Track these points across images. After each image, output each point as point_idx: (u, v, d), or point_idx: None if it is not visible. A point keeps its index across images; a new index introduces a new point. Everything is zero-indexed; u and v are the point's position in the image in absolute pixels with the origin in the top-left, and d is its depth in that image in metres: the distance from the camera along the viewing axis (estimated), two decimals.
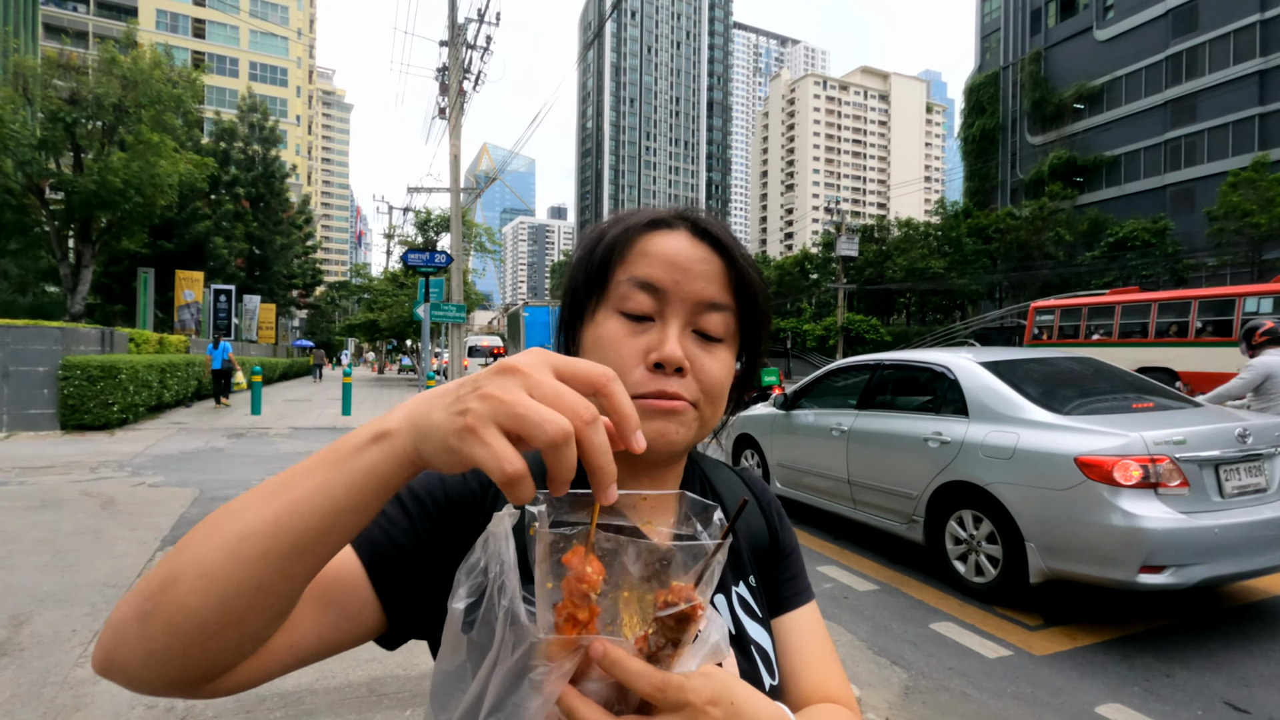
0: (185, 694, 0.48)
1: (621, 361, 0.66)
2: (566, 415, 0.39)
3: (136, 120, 19.77)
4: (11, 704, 2.67)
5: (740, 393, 0.77)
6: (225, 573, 0.43)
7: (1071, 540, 3.65)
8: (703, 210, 0.73)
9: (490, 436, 0.39)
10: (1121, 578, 3.45)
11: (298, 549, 0.44)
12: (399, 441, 0.44)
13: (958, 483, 4.29)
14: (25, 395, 10.82)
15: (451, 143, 18.13)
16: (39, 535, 4.96)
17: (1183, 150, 37.84)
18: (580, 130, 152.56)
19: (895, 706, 2.96)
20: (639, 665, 0.43)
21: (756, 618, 0.73)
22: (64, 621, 3.45)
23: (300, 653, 0.54)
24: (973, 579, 4.21)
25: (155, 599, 0.44)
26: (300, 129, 69.31)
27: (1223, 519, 3.49)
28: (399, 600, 0.60)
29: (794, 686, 0.72)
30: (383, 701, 2.75)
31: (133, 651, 0.45)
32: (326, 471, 0.45)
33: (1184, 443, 3.59)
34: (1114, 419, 3.92)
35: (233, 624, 0.44)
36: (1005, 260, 41.31)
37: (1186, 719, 2.83)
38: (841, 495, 5.38)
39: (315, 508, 0.44)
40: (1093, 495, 3.54)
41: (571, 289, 0.73)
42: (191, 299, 28.07)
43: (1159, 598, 4.05)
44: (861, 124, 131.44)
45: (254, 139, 39.61)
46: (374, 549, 0.59)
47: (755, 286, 0.70)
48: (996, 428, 4.15)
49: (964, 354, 4.84)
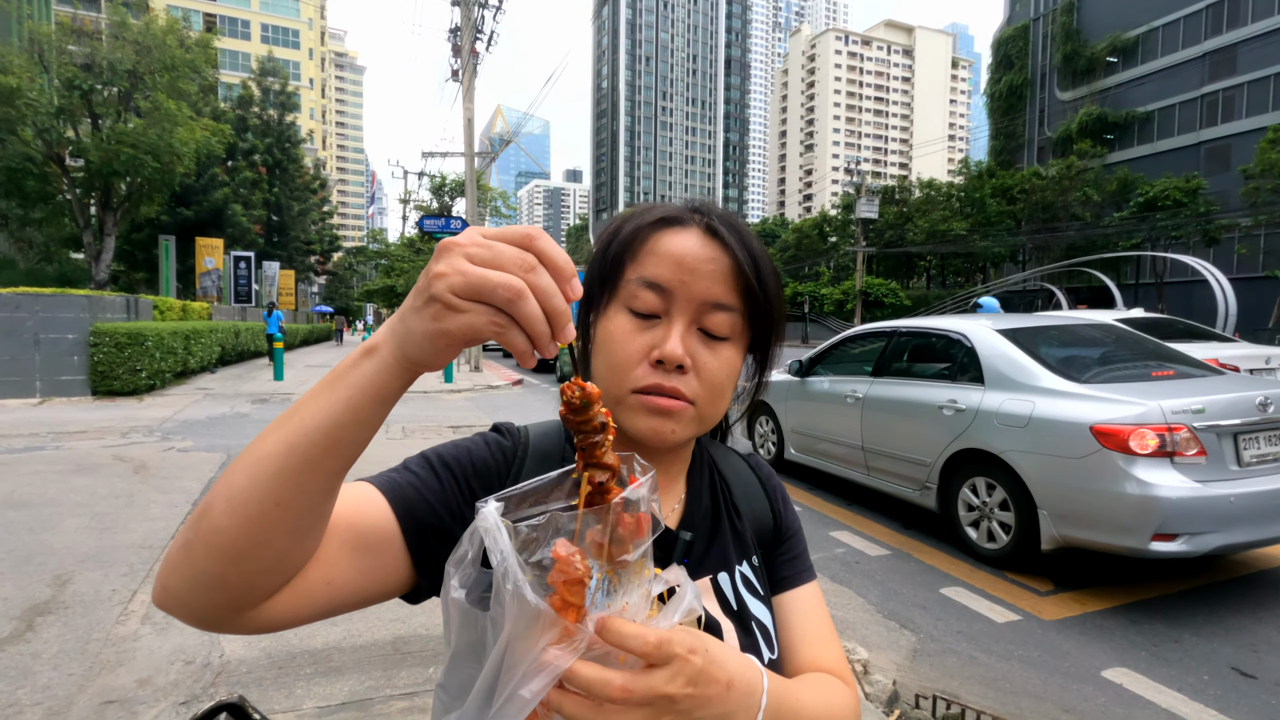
0: (233, 623, 0.53)
1: (626, 356, 0.68)
2: (510, 270, 0.44)
3: (152, 87, 19.76)
4: (59, 658, 2.82)
5: (755, 390, 0.80)
6: (247, 493, 0.49)
7: (1085, 508, 3.67)
8: (717, 206, 0.74)
9: (460, 305, 0.44)
10: (1134, 545, 3.47)
11: (308, 463, 0.49)
12: (385, 351, 0.49)
13: (972, 450, 4.31)
14: (56, 362, 11.11)
15: (465, 105, 17.94)
16: (77, 499, 5.15)
17: (1220, 105, 36.42)
18: (595, 90, 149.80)
19: (904, 668, 3.03)
20: (632, 628, 0.48)
21: (758, 595, 0.76)
22: (104, 581, 3.61)
23: (336, 592, 0.58)
24: (984, 545, 4.25)
25: (195, 526, 0.50)
26: (314, 92, 68.82)
27: (1239, 488, 3.49)
28: (426, 555, 0.64)
29: (791, 659, 0.76)
30: (406, 659, 2.87)
31: (181, 579, 0.51)
32: (326, 392, 0.49)
33: (1203, 411, 3.56)
34: (1132, 387, 3.90)
35: (261, 542, 0.50)
36: (1029, 222, 40.38)
37: (1193, 684, 2.87)
38: (855, 462, 5.42)
39: (318, 425, 0.48)
40: (1108, 464, 3.55)
41: (588, 283, 0.76)
42: (212, 266, 28.39)
43: (1170, 564, 4.07)
44: (884, 80, 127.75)
45: (269, 104, 39.44)
46: (407, 504, 0.64)
47: (766, 283, 0.71)
48: (1012, 395, 4.15)
49: (982, 321, 4.81)
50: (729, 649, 0.56)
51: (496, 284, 0.44)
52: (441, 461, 0.69)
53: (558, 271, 0.46)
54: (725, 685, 0.53)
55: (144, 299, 13.97)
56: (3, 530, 4.37)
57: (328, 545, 0.57)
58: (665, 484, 0.77)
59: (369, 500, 0.62)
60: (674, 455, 0.76)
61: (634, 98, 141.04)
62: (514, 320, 0.45)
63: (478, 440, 0.74)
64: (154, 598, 0.53)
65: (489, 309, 0.44)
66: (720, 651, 0.54)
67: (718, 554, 0.76)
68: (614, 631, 0.47)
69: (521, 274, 0.45)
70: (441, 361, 0.48)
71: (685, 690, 0.50)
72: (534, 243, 0.46)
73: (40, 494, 5.25)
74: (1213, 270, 16.88)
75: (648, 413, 0.68)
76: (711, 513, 0.78)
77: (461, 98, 18.16)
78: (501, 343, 0.46)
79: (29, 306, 10.95)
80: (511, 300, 0.44)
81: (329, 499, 0.52)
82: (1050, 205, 38.99)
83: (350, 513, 0.60)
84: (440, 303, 0.45)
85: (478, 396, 13.02)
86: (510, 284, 0.44)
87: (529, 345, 0.46)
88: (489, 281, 0.44)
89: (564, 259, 0.47)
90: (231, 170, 34.19)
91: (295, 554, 0.53)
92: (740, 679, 0.55)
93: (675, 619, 0.51)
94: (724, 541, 0.77)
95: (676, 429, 0.69)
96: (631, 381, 0.68)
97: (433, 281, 0.45)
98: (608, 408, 0.65)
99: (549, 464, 0.73)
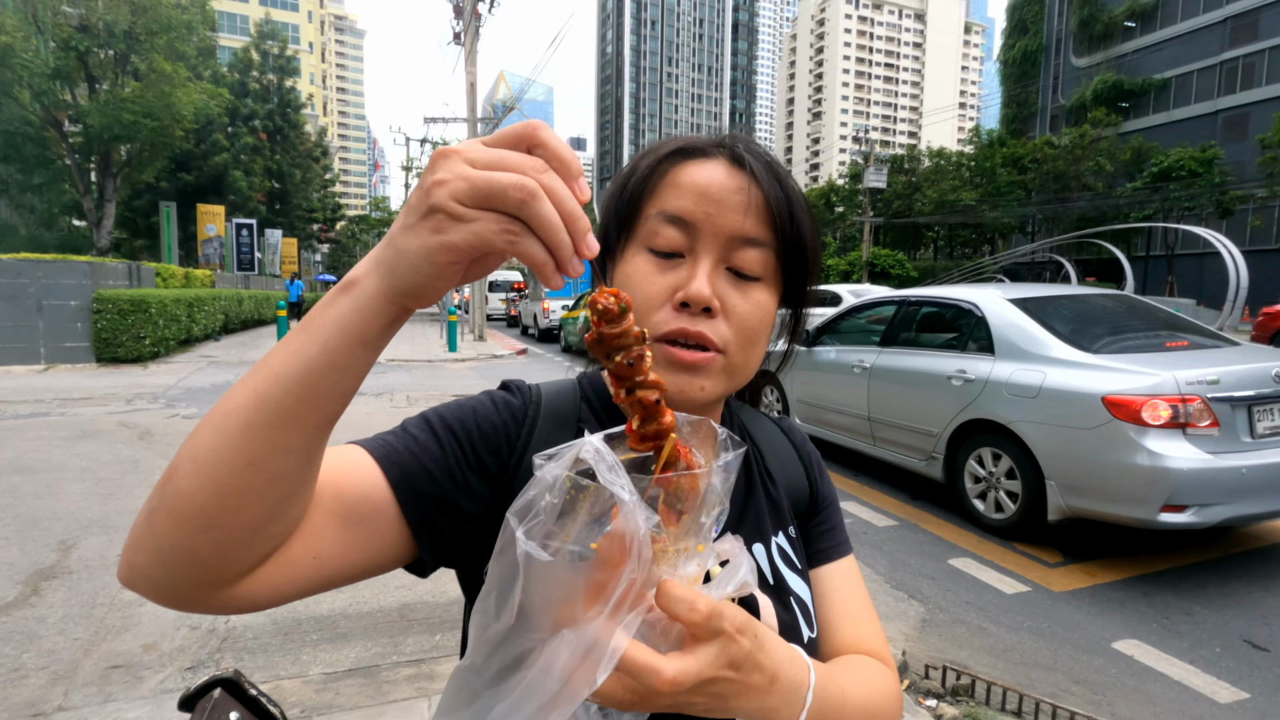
0: (209, 602, 0.46)
1: (646, 299, 0.61)
2: (517, 171, 0.39)
3: (149, 49, 19.43)
4: (65, 622, 2.82)
5: (790, 340, 0.72)
6: (214, 451, 0.42)
7: (1094, 479, 3.65)
8: (745, 136, 0.66)
9: (465, 212, 0.39)
10: (1142, 516, 3.46)
11: (281, 416, 0.42)
12: (367, 284, 0.42)
13: (980, 420, 4.28)
14: (60, 329, 11.08)
15: (467, 70, 17.59)
16: (81, 464, 5.15)
17: (1239, 71, 35.53)
18: (600, 56, 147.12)
19: (912, 639, 3.01)
20: (682, 591, 0.43)
21: (796, 569, 0.70)
22: (109, 547, 3.60)
23: (324, 566, 0.52)
24: (991, 515, 4.24)
25: (159, 493, 0.44)
26: (314, 56, 67.71)
27: (1251, 459, 3.46)
28: (427, 525, 0.57)
29: (829, 639, 0.70)
30: (413, 626, 2.86)
31: (145, 552, 0.44)
32: (301, 335, 0.43)
33: (1217, 382, 3.53)
34: (1145, 358, 3.86)
35: (231, 508, 0.43)
36: (1040, 192, 39.76)
37: (1205, 656, 2.85)
38: (861, 432, 5.40)
39: (290, 372, 0.42)
40: (1119, 434, 3.52)
41: (604, 225, 0.68)
42: (214, 233, 28.24)
43: (1181, 537, 4.04)
44: (895, 46, 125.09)
45: (268, 68, 38.83)
46: (403, 472, 0.57)
47: (800, 220, 0.63)
48: (1023, 366, 4.10)
49: (992, 290, 4.75)
50: (778, 639, 0.51)
51: (507, 184, 0.38)
52: (443, 423, 0.61)
53: (564, 167, 0.41)
54: (770, 678, 0.48)
55: (146, 266, 13.89)
56: (8, 495, 4.37)
57: (313, 515, 0.50)
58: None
59: (358, 465, 0.55)
60: (702, 415, 0.69)
61: (639, 63, 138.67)
62: (528, 228, 0.39)
63: (484, 400, 0.66)
64: (119, 575, 0.46)
65: (499, 215, 0.39)
66: (770, 640, 0.49)
67: (752, 524, 0.69)
68: (663, 594, 0.43)
69: (534, 174, 0.39)
70: (439, 287, 0.41)
71: (725, 673, 0.45)
72: (537, 134, 0.41)
73: (45, 460, 5.24)
74: (1225, 242, 16.58)
75: (671, 368, 0.60)
76: (744, 480, 0.72)
77: (464, 62, 17.78)
78: (517, 254, 0.39)
79: (31, 273, 10.89)
80: (524, 202, 0.38)
81: (310, 461, 0.45)
82: (1062, 175, 38.32)
83: (338, 479, 0.53)
84: (443, 212, 0.39)
85: (482, 365, 12.99)
86: (522, 184, 0.38)
87: (548, 255, 0.40)
88: (497, 183, 0.38)
89: (570, 155, 0.41)
90: (232, 135, 33.80)
91: (273, 523, 0.46)
92: (786, 673, 0.50)
93: (728, 590, 0.46)
94: (758, 511, 0.70)
95: (705, 385, 0.61)
96: (653, 327, 0.61)
97: (431, 190, 0.39)
98: None
99: (562, 424, 0.66)
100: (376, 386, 9.49)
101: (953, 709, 2.41)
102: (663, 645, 0.45)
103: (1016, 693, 2.45)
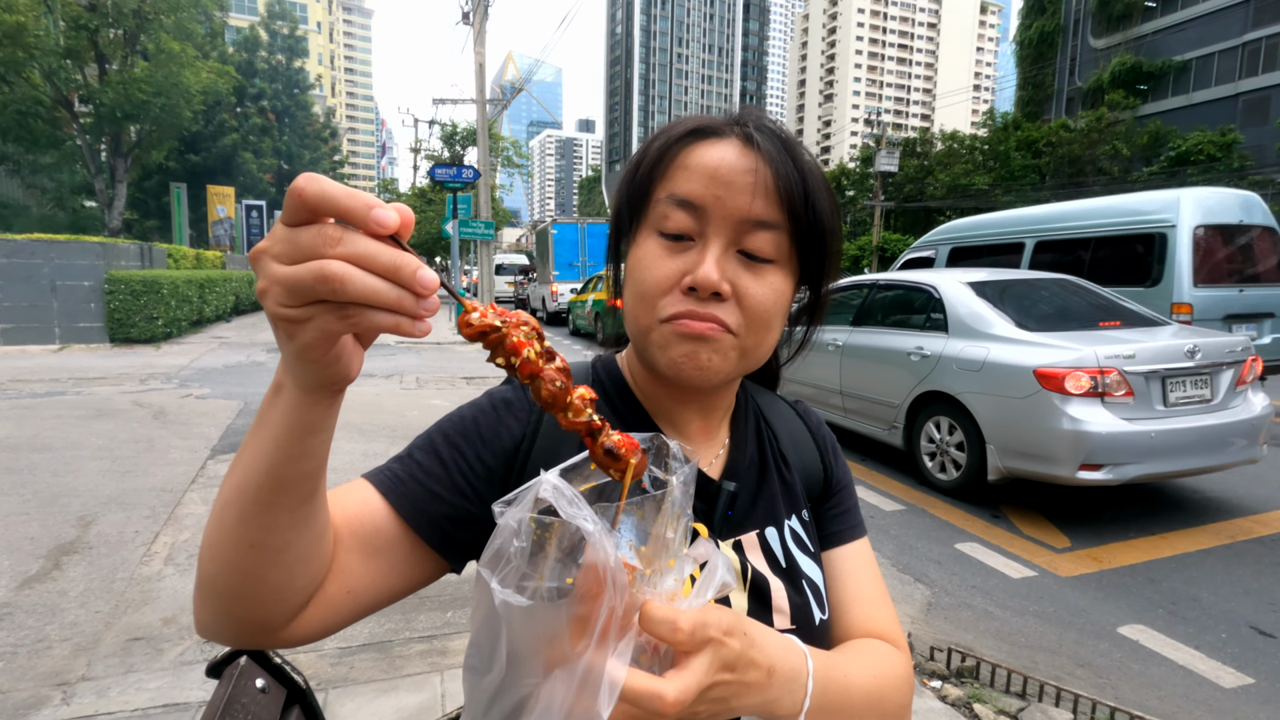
0: (269, 642, 0.53)
1: (655, 282, 0.61)
2: (316, 255, 0.36)
3: (158, 28, 19.39)
4: (86, 596, 2.88)
5: (807, 324, 0.71)
6: (222, 540, 0.48)
7: (1025, 442, 4.07)
8: (762, 113, 0.65)
9: (301, 314, 0.38)
10: (1063, 474, 3.88)
11: (262, 505, 0.46)
12: (288, 386, 0.44)
13: (934, 392, 4.70)
14: (74, 309, 11.18)
15: (476, 50, 17.46)
16: (98, 443, 5.22)
17: (1263, 53, 34.76)
18: (609, 36, 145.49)
19: (917, 621, 3.04)
20: (661, 613, 0.44)
21: (808, 551, 0.71)
22: (127, 523, 3.67)
23: (359, 598, 0.56)
24: (939, 476, 4.72)
25: (198, 570, 0.51)
26: (322, 36, 67.33)
27: (1161, 425, 3.89)
28: (446, 540, 0.61)
29: (841, 621, 0.71)
30: (425, 604, 2.91)
31: (206, 614, 0.52)
32: (256, 434, 0.46)
33: (1133, 356, 3.94)
34: (1075, 335, 4.25)
35: (253, 581, 0.48)
36: (1055, 176, 39.22)
37: (1211, 641, 2.86)
38: (834, 405, 5.78)
39: (259, 470, 0.45)
40: (1046, 403, 3.93)
41: (616, 209, 0.68)
42: (224, 215, 28.30)
43: (1188, 522, 4.08)
44: (909, 27, 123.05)
45: (277, 48, 38.67)
46: (410, 500, 0.60)
47: (816, 198, 0.62)
48: (971, 343, 4.51)
49: (951, 274, 5.11)
50: (769, 631, 0.52)
51: (310, 281, 0.36)
52: (445, 439, 0.64)
53: (351, 215, 0.36)
54: (766, 671, 0.49)
55: (158, 247, 13.97)
56: (27, 472, 4.45)
57: (338, 556, 0.55)
58: (706, 429, 0.71)
59: (365, 503, 0.59)
60: (716, 397, 0.70)
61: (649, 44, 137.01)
62: (360, 304, 0.37)
63: (482, 404, 0.68)
64: (196, 629, 0.53)
65: (326, 306, 0.37)
66: (761, 635, 0.51)
67: (765, 507, 0.70)
68: (646, 618, 0.43)
69: (329, 252, 0.36)
70: (341, 370, 0.41)
71: (722, 676, 0.46)
72: (304, 196, 0.36)
73: (63, 438, 5.32)
74: None
75: (678, 339, 0.60)
76: (758, 463, 0.73)
77: (473, 41, 17.64)
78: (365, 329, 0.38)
79: (45, 253, 10.97)
80: (335, 290, 0.36)
81: (308, 528, 0.49)
82: (1077, 159, 37.77)
83: (351, 519, 0.57)
84: (283, 320, 0.38)
85: None
86: (323, 273, 0.35)
87: (394, 315, 0.37)
88: (301, 281, 0.36)
89: (346, 196, 0.36)
90: (240, 116, 33.77)
91: (296, 580, 0.51)
92: (783, 664, 0.51)
93: (709, 595, 0.46)
94: (772, 494, 0.71)
95: (714, 357, 0.60)
96: (660, 310, 0.60)
97: (263, 300, 0.38)
98: (637, 346, 0.59)
99: None
100: (386, 369, 9.55)
101: (957, 690, 2.44)
102: (656, 666, 0.45)
103: (1021, 675, 2.47)
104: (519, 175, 38.87)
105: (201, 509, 3.91)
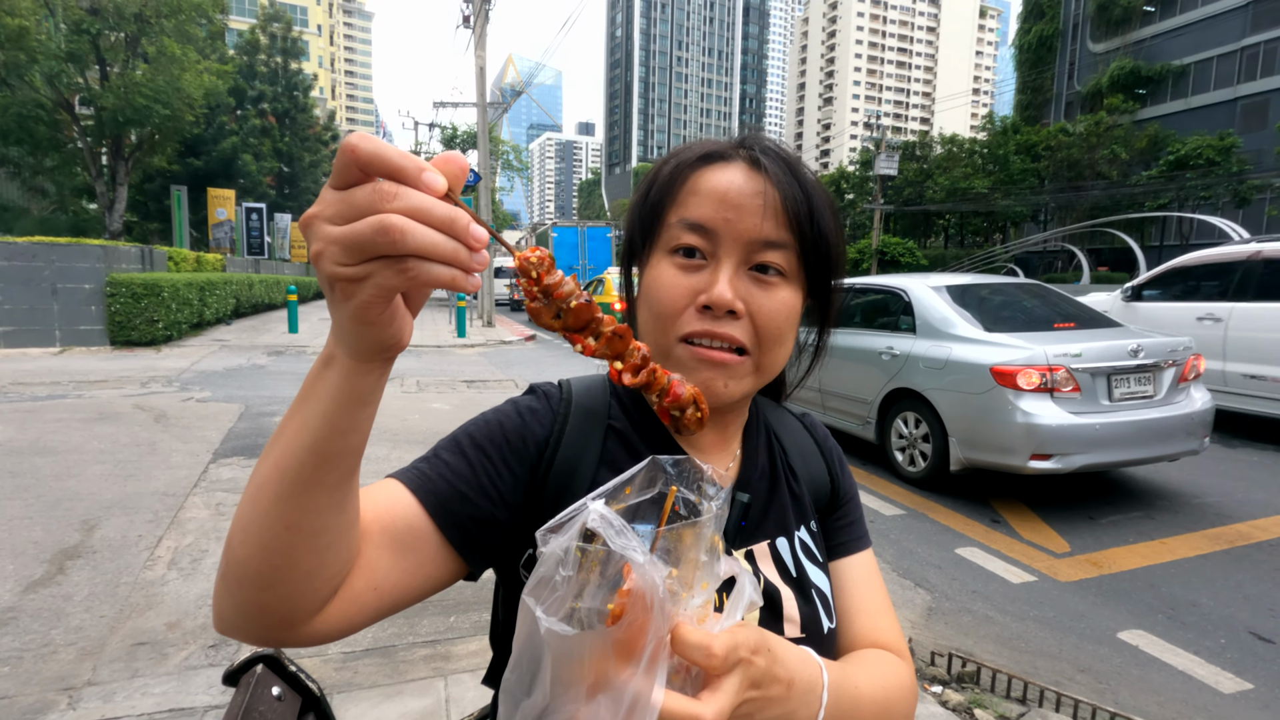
0: (291, 639, 0.52)
1: (671, 302, 0.64)
2: (370, 212, 0.37)
3: (159, 31, 19.43)
4: (90, 601, 2.89)
5: (819, 334, 0.75)
6: (255, 522, 0.47)
7: (982, 435, 4.39)
8: (767, 137, 0.68)
9: (355, 272, 0.38)
10: (1015, 464, 4.19)
11: (302, 483, 0.46)
12: (339, 356, 0.44)
13: (903, 389, 4.99)
14: (74, 312, 11.18)
15: (477, 53, 17.50)
16: (100, 446, 5.23)
17: (1261, 57, 34.85)
18: (609, 39, 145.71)
19: (918, 626, 3.05)
20: (694, 637, 0.45)
21: (817, 562, 0.73)
22: (130, 527, 3.68)
23: (384, 596, 0.56)
24: (907, 468, 5.01)
25: (225, 559, 0.49)
26: (322, 39, 67.44)
27: (1106, 419, 4.19)
28: (469, 542, 0.62)
29: (847, 631, 0.73)
30: (428, 608, 2.92)
31: (228, 608, 0.50)
32: (301, 409, 0.46)
33: (1080, 355, 4.24)
34: (1029, 336, 4.55)
35: (284, 565, 0.48)
36: (1053, 180, 39.28)
37: (1210, 647, 2.87)
38: (814, 403, 6.01)
39: (302, 444, 0.45)
40: (1001, 398, 4.24)
41: (629, 232, 0.71)
42: (224, 217, 28.31)
43: (1187, 527, 4.11)
44: (908, 30, 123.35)
45: (275, 50, 38.73)
46: (438, 499, 0.61)
47: (821, 216, 0.65)
48: (936, 343, 4.81)
49: (921, 279, 5.40)
50: (788, 645, 0.54)
51: (370, 233, 0.37)
52: (472, 442, 0.65)
53: (403, 175, 0.38)
54: (787, 684, 0.51)
55: (158, 250, 13.97)
56: (30, 476, 4.46)
57: (366, 551, 0.55)
58: (719, 442, 0.73)
59: (397, 500, 0.60)
60: (730, 412, 0.72)
61: (649, 47, 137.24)
62: (417, 256, 0.38)
63: (508, 410, 0.69)
64: (214, 625, 0.52)
65: (384, 261, 0.38)
66: (782, 649, 0.52)
67: (776, 518, 0.72)
68: (679, 643, 0.45)
69: (386, 207, 0.37)
70: (394, 333, 0.43)
71: (750, 694, 0.48)
72: (357, 154, 0.38)
73: (65, 441, 5.33)
74: (1241, 232, 16.38)
75: (697, 364, 0.63)
76: (769, 474, 0.75)
77: (473, 45, 17.69)
78: (422, 283, 0.39)
79: (45, 256, 10.97)
80: (395, 242, 0.37)
81: (342, 511, 0.49)
82: (1076, 163, 37.83)
83: (382, 514, 0.58)
84: (339, 281, 0.39)
85: (490, 351, 13.05)
86: (383, 224, 0.37)
87: (450, 269, 0.39)
88: (360, 236, 0.37)
89: (399, 157, 0.38)
90: (240, 118, 33.80)
91: (326, 569, 0.50)
92: (801, 677, 0.53)
93: (738, 616, 0.48)
94: (782, 505, 0.73)
95: (730, 383, 0.64)
96: (678, 329, 0.64)
97: (318, 264, 0.39)
98: (655, 362, 0.61)
99: (593, 420, 0.70)
100: None
101: (957, 695, 2.45)
102: (689, 686, 0.47)
103: (1021, 680, 2.49)
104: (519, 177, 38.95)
105: (204, 513, 3.92)
